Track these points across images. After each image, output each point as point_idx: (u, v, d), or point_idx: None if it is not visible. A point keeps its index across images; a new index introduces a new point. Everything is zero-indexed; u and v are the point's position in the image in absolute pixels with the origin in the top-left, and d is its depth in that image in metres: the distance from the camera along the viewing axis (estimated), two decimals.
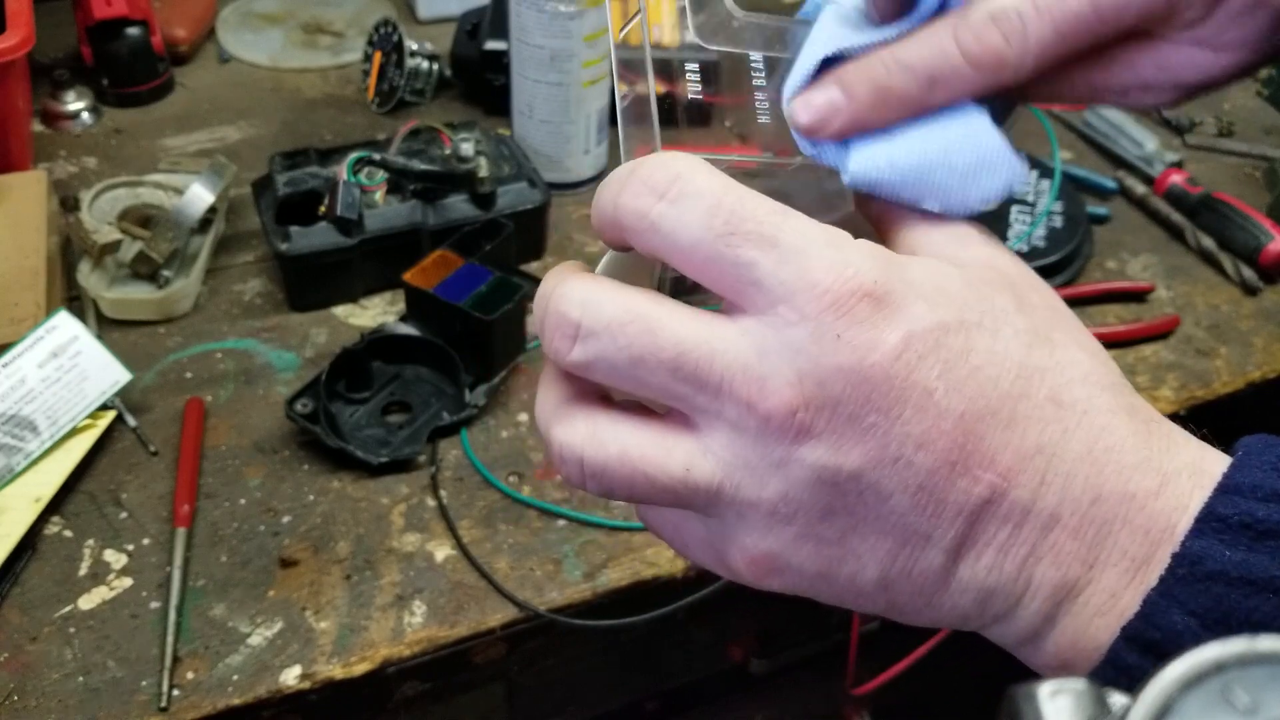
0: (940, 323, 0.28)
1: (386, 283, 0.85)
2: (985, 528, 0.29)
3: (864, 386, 0.28)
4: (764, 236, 0.28)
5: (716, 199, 0.28)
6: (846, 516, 0.29)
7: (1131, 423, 0.30)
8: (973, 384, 0.28)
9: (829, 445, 0.28)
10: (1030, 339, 0.30)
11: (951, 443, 0.28)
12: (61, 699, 0.59)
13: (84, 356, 0.71)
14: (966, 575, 0.30)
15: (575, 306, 0.29)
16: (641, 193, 0.29)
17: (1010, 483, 0.29)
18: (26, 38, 0.85)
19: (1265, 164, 1.07)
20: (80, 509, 0.69)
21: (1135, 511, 0.29)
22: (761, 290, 0.28)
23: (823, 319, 0.27)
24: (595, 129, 0.95)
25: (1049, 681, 0.24)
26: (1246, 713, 0.20)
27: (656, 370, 0.28)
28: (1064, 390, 0.29)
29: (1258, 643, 0.21)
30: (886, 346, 0.27)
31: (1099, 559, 0.29)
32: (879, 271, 0.28)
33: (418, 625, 0.63)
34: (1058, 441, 0.29)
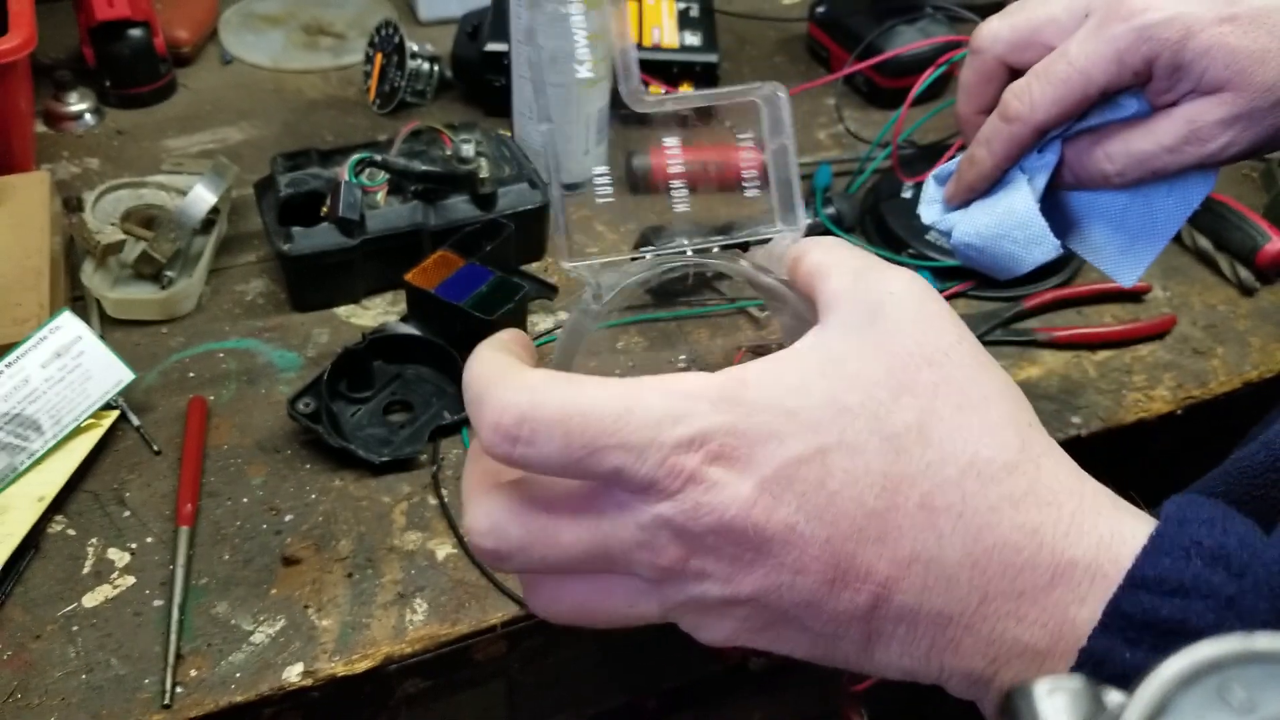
0: (793, 458, 0.30)
1: (388, 283, 0.85)
2: (882, 626, 0.32)
3: (733, 535, 0.30)
4: (615, 445, 0.30)
5: (564, 428, 0.30)
6: (760, 621, 0.33)
7: (1015, 514, 0.30)
8: (833, 509, 0.30)
9: (722, 581, 0.31)
10: (899, 444, 0.30)
11: (825, 565, 0.30)
12: (65, 696, 0.59)
13: (87, 356, 0.71)
14: (883, 659, 0.33)
15: (487, 535, 0.33)
16: (497, 440, 0.31)
17: (892, 589, 0.31)
18: (28, 39, 0.85)
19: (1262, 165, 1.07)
20: (83, 508, 0.69)
21: (1027, 607, 0.30)
22: (629, 483, 0.31)
23: (683, 494, 0.30)
24: (595, 129, 0.96)
25: (1046, 679, 0.24)
26: (1243, 710, 0.20)
27: (573, 563, 0.33)
28: (936, 494, 0.30)
29: (1254, 641, 0.21)
30: (741, 500, 0.30)
31: (1000, 654, 0.31)
32: (724, 430, 0.30)
33: (419, 623, 0.64)
34: (933, 547, 0.30)
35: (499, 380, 0.32)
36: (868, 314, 0.33)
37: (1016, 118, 0.51)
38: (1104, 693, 0.24)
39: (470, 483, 0.34)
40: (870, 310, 0.33)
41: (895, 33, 1.04)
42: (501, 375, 0.32)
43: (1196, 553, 0.29)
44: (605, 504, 0.32)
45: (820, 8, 1.14)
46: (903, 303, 0.33)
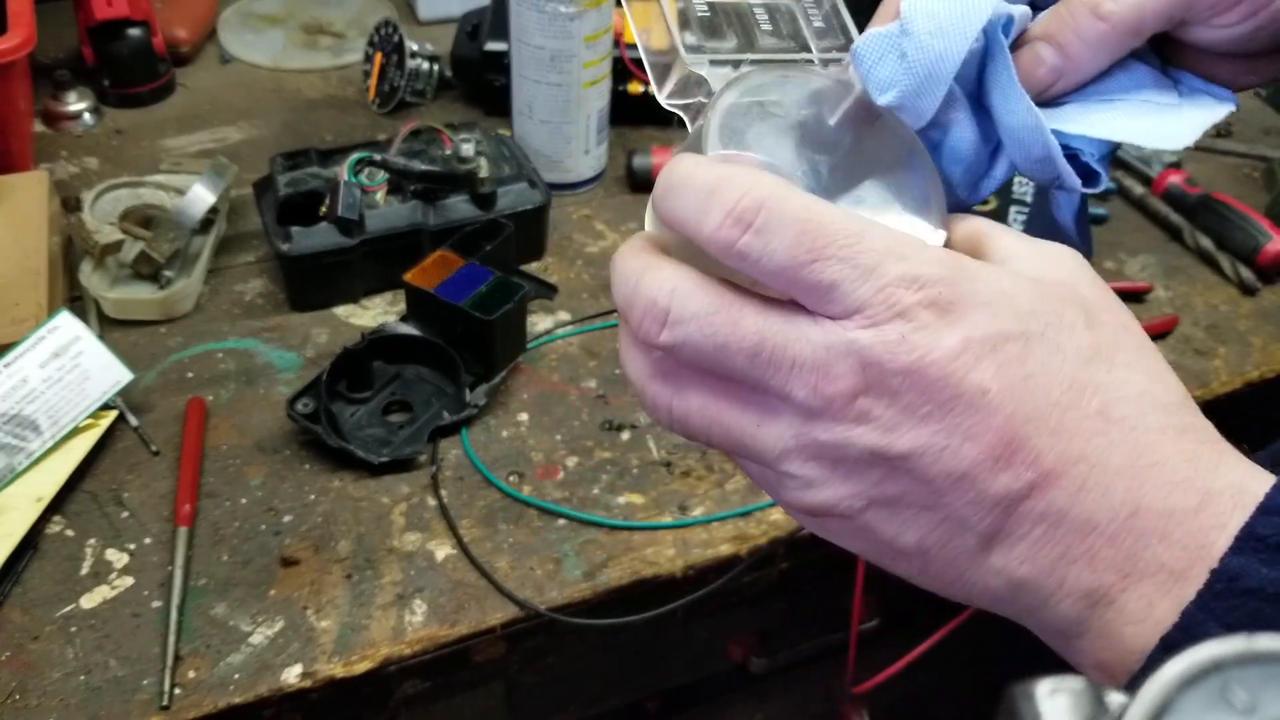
0: (1000, 331, 0.30)
1: (387, 283, 0.85)
2: (1020, 523, 0.31)
3: (921, 382, 0.30)
4: (843, 259, 0.30)
5: (800, 228, 0.30)
6: (894, 489, 0.32)
7: (1179, 441, 0.31)
8: (1024, 389, 0.30)
9: (883, 429, 0.31)
10: (1090, 355, 0.31)
11: (998, 438, 0.30)
12: (63, 698, 0.59)
13: (85, 356, 0.71)
14: (998, 562, 0.32)
15: (665, 295, 0.32)
16: (726, 224, 0.31)
17: (1050, 483, 0.31)
18: (28, 38, 0.85)
19: (1263, 164, 1.07)
20: (82, 508, 0.69)
21: (1174, 527, 0.30)
22: (839, 302, 0.30)
23: (890, 325, 0.30)
24: (595, 129, 0.96)
25: (1047, 680, 0.24)
26: (1245, 712, 0.20)
27: (737, 356, 0.31)
28: (1114, 406, 0.31)
29: (1256, 642, 0.21)
30: (945, 348, 0.30)
31: (1135, 569, 0.31)
32: (945, 283, 0.30)
33: (418, 624, 0.64)
34: (1102, 452, 0.31)
35: (739, 171, 0.31)
36: (1052, 261, 0.34)
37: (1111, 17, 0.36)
38: (1105, 693, 0.24)
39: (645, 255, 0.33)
40: (1054, 260, 0.34)
41: None
42: (738, 169, 0.32)
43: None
44: (795, 315, 0.31)
45: None
46: (1078, 261, 0.34)
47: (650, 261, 0.33)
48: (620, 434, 0.76)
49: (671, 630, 0.73)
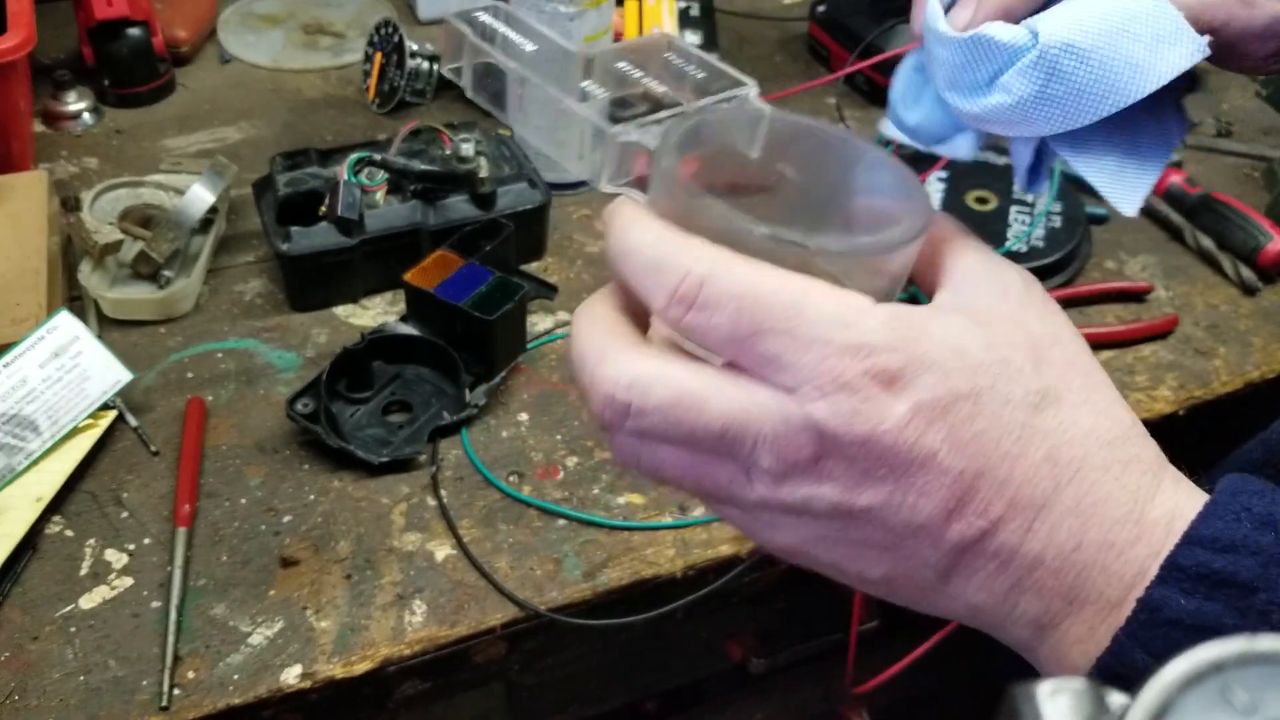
0: (949, 391, 0.31)
1: (387, 283, 0.85)
2: (974, 560, 0.33)
3: (875, 450, 0.31)
4: (783, 331, 0.31)
5: (738, 304, 0.31)
6: (857, 534, 0.33)
7: (1122, 477, 0.33)
8: (974, 446, 0.32)
9: (844, 488, 0.32)
10: (1038, 400, 0.33)
11: (950, 494, 0.32)
12: (62, 698, 0.59)
13: (85, 356, 0.71)
14: (956, 591, 0.34)
15: (624, 390, 0.32)
16: (671, 304, 0.32)
17: (1000, 528, 0.33)
18: (27, 38, 0.85)
19: (1264, 164, 1.07)
20: (81, 508, 0.69)
21: (1113, 559, 0.33)
22: (786, 374, 0.31)
23: (838, 398, 0.31)
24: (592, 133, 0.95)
25: (1048, 681, 0.24)
26: (1245, 712, 0.20)
27: (704, 438, 0.32)
28: (1061, 450, 0.33)
29: (1257, 642, 0.21)
30: (894, 419, 0.31)
31: (1078, 597, 0.33)
32: (890, 348, 0.31)
33: (418, 624, 0.64)
34: (1049, 495, 0.32)
35: (681, 246, 0.32)
36: (1001, 292, 0.34)
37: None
38: (1106, 694, 0.24)
39: (600, 336, 0.34)
40: (1003, 290, 0.35)
41: (896, 32, 1.04)
42: (680, 243, 0.32)
43: (1247, 517, 0.32)
44: (755, 388, 0.32)
45: (821, 7, 1.14)
46: (1028, 289, 0.35)
47: (607, 344, 0.34)
48: None
49: (671, 631, 0.73)
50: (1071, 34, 0.34)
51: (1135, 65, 0.34)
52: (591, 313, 0.35)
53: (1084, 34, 0.34)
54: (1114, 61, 0.34)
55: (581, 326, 0.35)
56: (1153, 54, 0.34)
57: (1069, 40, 0.34)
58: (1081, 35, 0.34)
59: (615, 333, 0.34)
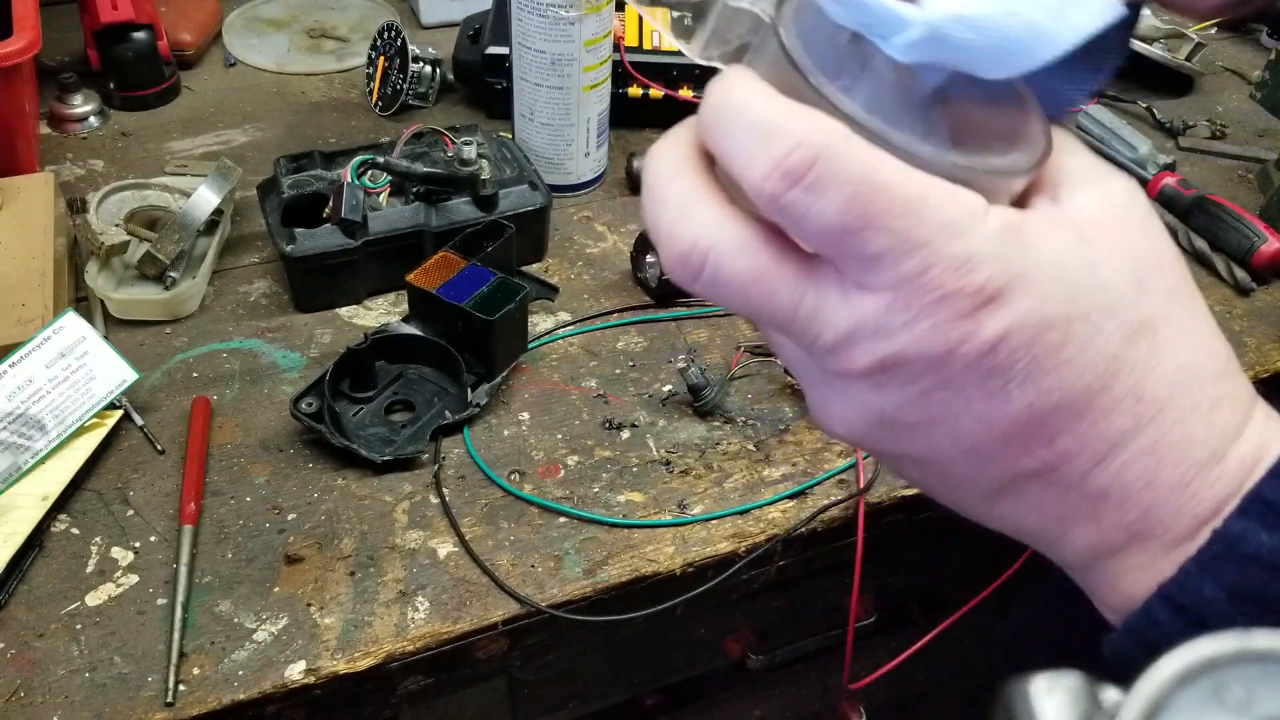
0: (1044, 319, 0.29)
1: (390, 284, 0.86)
2: (1028, 486, 0.31)
3: (941, 371, 0.29)
4: (893, 230, 0.27)
5: (854, 189, 0.27)
6: (898, 447, 0.32)
7: (1210, 415, 0.31)
8: (1054, 377, 0.29)
9: (894, 400, 0.30)
10: (1133, 331, 0.30)
11: (1012, 423, 0.30)
12: (68, 695, 0.59)
13: (91, 356, 0.72)
14: (1005, 510, 0.32)
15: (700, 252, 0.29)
16: (773, 176, 0.28)
17: (1063, 461, 0.30)
18: (33, 41, 0.86)
19: (1258, 166, 1.07)
20: (87, 507, 0.69)
21: (1188, 499, 0.30)
22: (879, 274, 0.28)
23: (924, 310, 0.28)
24: (595, 132, 0.96)
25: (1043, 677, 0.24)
26: (1239, 709, 0.20)
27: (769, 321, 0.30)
28: (1148, 385, 0.30)
29: (1251, 639, 0.21)
30: (978, 340, 0.28)
31: (1141, 531, 0.31)
32: (999, 266, 0.28)
33: (421, 621, 0.64)
34: (1126, 433, 0.30)
35: (797, 112, 0.28)
36: (1109, 204, 0.31)
37: None
38: (1101, 690, 0.24)
39: (681, 185, 0.30)
40: (1110, 200, 0.31)
41: None
42: (796, 109, 0.28)
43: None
44: (830, 277, 0.29)
45: None
46: (1133, 201, 0.32)
47: (686, 195, 0.30)
48: (620, 433, 0.77)
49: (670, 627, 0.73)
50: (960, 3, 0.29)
51: (1037, 29, 0.29)
52: (672, 156, 0.31)
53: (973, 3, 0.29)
54: (1010, 29, 0.29)
55: (660, 169, 0.31)
56: (1056, 17, 0.29)
57: (958, 11, 0.29)
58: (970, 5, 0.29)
59: (697, 185, 0.30)
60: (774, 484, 0.74)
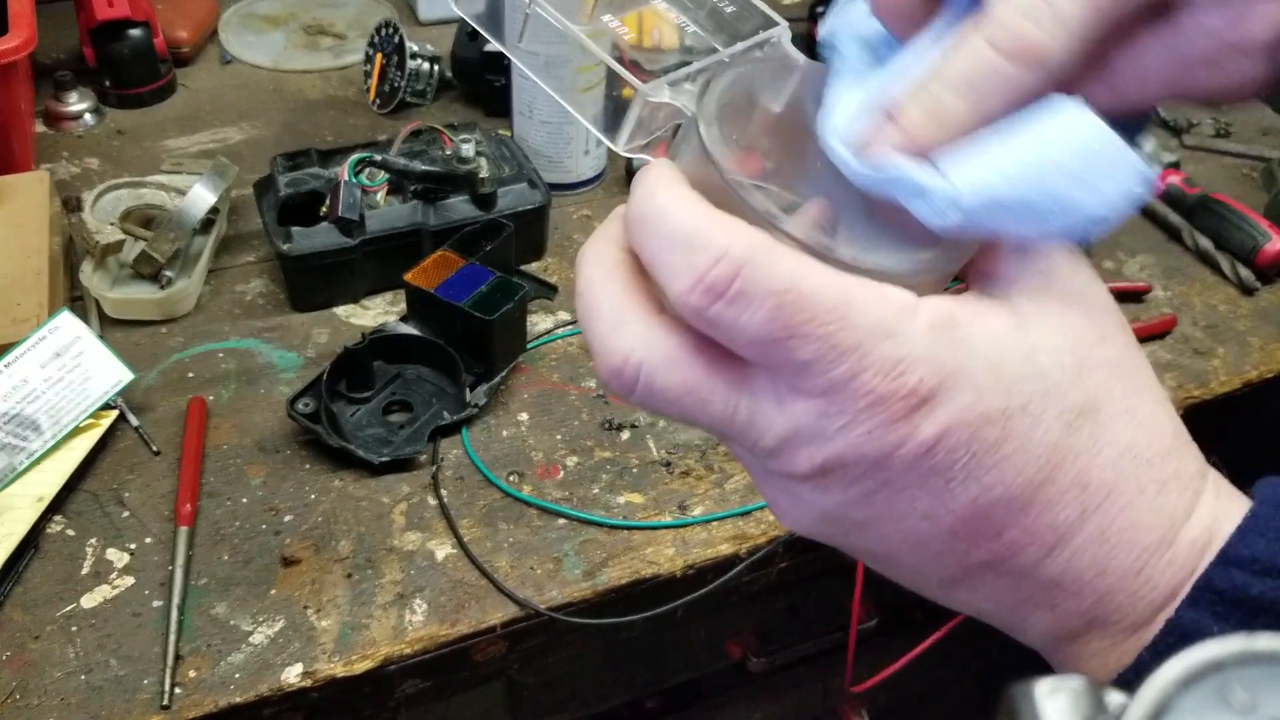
0: (981, 415, 0.28)
1: (388, 283, 0.85)
2: (981, 576, 0.31)
3: (882, 472, 0.29)
4: (821, 338, 0.27)
5: (778, 300, 0.27)
6: (849, 540, 0.32)
7: (1157, 499, 0.30)
8: (996, 473, 0.29)
9: (838, 500, 0.30)
10: (1074, 417, 0.29)
11: (956, 519, 0.30)
12: (64, 697, 0.59)
13: (86, 356, 0.71)
14: (962, 598, 0.32)
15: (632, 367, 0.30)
16: (697, 290, 0.28)
17: (1012, 553, 0.30)
18: (29, 39, 0.85)
19: (1262, 164, 1.07)
20: (83, 508, 0.69)
21: (1141, 585, 0.30)
22: (811, 381, 0.28)
23: (859, 416, 0.28)
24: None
25: (1047, 680, 0.24)
26: (1244, 711, 0.20)
27: (711, 427, 0.30)
28: (1093, 472, 0.30)
29: (1255, 642, 0.21)
30: (915, 442, 0.28)
31: (1098, 618, 0.31)
32: (931, 366, 0.28)
33: (419, 623, 0.64)
34: (1073, 522, 0.30)
35: (718, 222, 0.28)
36: (1047, 278, 0.31)
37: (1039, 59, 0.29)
38: (1105, 693, 0.24)
39: (612, 296, 0.30)
40: (1048, 275, 0.31)
41: None
42: (717, 218, 0.28)
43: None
44: (763, 384, 0.29)
45: (821, 7, 1.14)
46: (1074, 272, 0.31)
47: (616, 308, 0.30)
48: (620, 434, 0.76)
49: (671, 629, 0.73)
50: (994, 186, 0.29)
51: (1068, 203, 0.29)
52: (603, 261, 0.31)
53: (1007, 181, 0.29)
54: (1041, 204, 0.29)
55: (592, 278, 0.31)
56: (1087, 189, 0.29)
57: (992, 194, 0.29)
58: (1005, 184, 0.29)
59: (627, 294, 0.30)
60: None
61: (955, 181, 0.29)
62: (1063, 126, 0.29)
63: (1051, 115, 0.29)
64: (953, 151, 0.30)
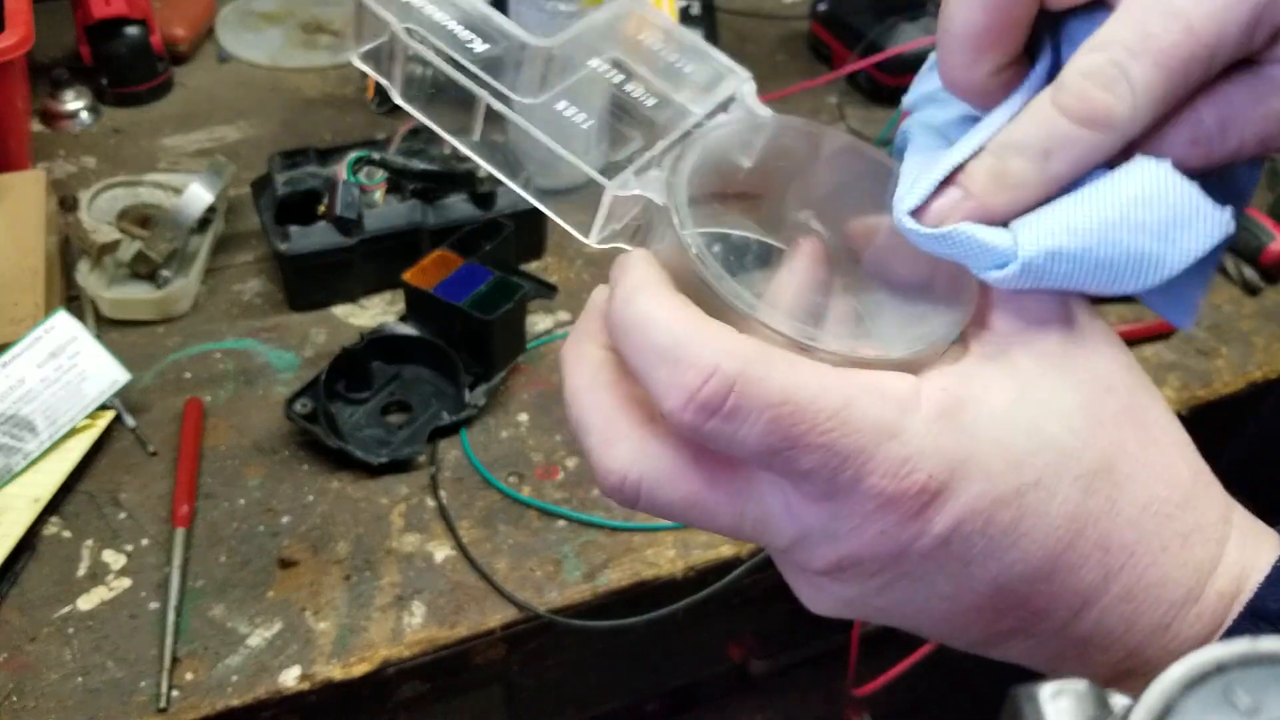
0: (994, 500, 0.28)
1: (386, 282, 0.85)
2: (1010, 641, 0.31)
3: (899, 566, 0.29)
4: (823, 446, 0.27)
5: (774, 414, 0.27)
6: (877, 616, 0.32)
7: (1181, 553, 0.30)
8: (1015, 551, 0.29)
9: (858, 591, 0.30)
10: (1090, 482, 0.29)
11: (979, 597, 0.29)
12: (60, 699, 0.59)
13: (83, 356, 0.71)
14: (996, 654, 0.32)
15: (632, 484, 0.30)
16: (690, 408, 0.27)
17: (1038, 620, 0.30)
18: (25, 37, 0.85)
19: (1268, 164, 1.07)
20: (79, 509, 0.68)
21: (1169, 640, 0.30)
22: (815, 487, 0.28)
23: (869, 518, 0.28)
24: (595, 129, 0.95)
25: (1051, 682, 0.24)
26: (1248, 713, 0.20)
27: (719, 531, 0.30)
28: (1114, 534, 0.29)
29: (1259, 644, 0.21)
30: (930, 537, 0.28)
31: (1130, 670, 0.31)
32: (939, 460, 0.27)
33: (417, 626, 0.63)
34: (1097, 585, 0.29)
35: (704, 333, 0.27)
36: (1046, 334, 0.30)
37: (1107, 122, 0.28)
38: (1109, 696, 0.24)
39: (603, 409, 0.30)
40: (1048, 330, 0.30)
41: (897, 30, 1.04)
42: (703, 328, 0.28)
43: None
44: (768, 489, 0.29)
45: (821, 5, 1.13)
46: (1072, 317, 0.31)
47: (607, 421, 0.30)
48: None
49: (672, 632, 0.73)
50: (1057, 239, 0.28)
51: (1141, 257, 0.28)
52: (586, 363, 0.31)
53: (1072, 235, 0.28)
54: (1113, 258, 0.28)
55: (578, 387, 0.31)
56: (1163, 242, 0.28)
57: (1054, 246, 0.28)
58: (1069, 238, 0.28)
59: (615, 405, 0.30)
60: None
61: (1020, 237, 0.29)
62: (1137, 181, 0.28)
63: (1127, 173, 0.29)
64: (1027, 217, 0.29)
